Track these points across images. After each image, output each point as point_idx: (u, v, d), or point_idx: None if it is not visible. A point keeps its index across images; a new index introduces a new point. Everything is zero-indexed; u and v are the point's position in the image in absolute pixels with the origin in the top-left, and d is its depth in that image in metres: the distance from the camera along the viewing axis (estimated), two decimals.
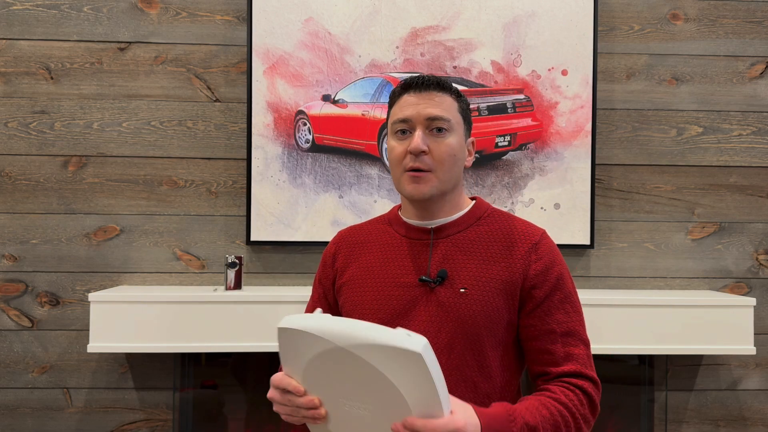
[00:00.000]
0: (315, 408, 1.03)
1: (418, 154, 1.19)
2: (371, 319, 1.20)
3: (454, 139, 1.22)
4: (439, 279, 1.20)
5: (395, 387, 0.95)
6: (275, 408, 1.09)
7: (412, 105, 1.22)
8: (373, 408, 0.99)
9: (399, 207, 1.34)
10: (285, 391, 1.05)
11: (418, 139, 1.19)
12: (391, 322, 1.19)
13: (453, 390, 1.13)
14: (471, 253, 1.22)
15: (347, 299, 1.28)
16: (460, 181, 1.27)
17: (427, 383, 0.94)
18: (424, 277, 1.20)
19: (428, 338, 1.09)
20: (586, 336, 1.24)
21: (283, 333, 1.02)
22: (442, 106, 1.22)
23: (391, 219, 1.32)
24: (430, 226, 1.26)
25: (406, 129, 1.22)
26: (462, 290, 1.19)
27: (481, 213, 1.28)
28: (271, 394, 1.08)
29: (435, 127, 1.21)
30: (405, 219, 1.29)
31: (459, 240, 1.24)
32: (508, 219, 1.28)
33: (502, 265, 1.21)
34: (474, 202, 1.31)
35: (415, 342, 0.92)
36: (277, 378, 1.06)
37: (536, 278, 1.21)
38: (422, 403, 0.96)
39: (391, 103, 1.28)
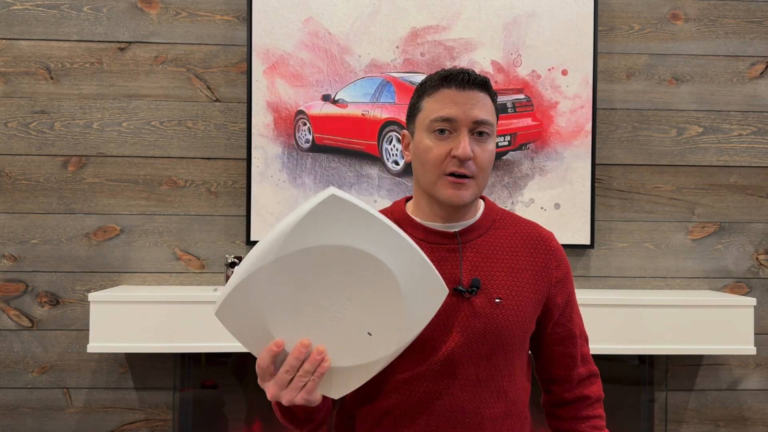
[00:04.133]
0: (306, 346, 0.95)
1: (466, 160, 1.11)
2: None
3: (493, 145, 1.16)
4: (474, 288, 1.14)
5: (353, 249, 0.91)
6: (285, 397, 0.97)
7: (455, 104, 1.11)
8: (355, 296, 0.94)
9: (404, 205, 1.23)
10: (272, 362, 0.96)
11: (466, 145, 1.10)
12: (424, 333, 1.10)
13: (487, 400, 1.14)
14: (497, 261, 1.18)
15: None
16: None
17: (370, 223, 0.91)
18: (460, 287, 1.13)
19: (468, 349, 1.12)
20: (586, 330, 1.31)
21: (223, 311, 0.92)
22: (486, 108, 1.13)
23: (400, 220, 1.20)
24: (453, 230, 1.18)
25: (446, 129, 1.12)
26: (497, 300, 1.14)
27: (495, 215, 1.23)
28: (269, 387, 0.98)
29: (479, 131, 1.12)
30: (420, 221, 1.19)
31: (482, 246, 1.18)
32: (519, 221, 1.25)
33: (529, 273, 1.18)
34: (484, 202, 1.26)
35: (323, 192, 0.90)
36: (258, 362, 0.97)
37: (558, 285, 1.22)
38: (396, 257, 0.92)
39: (424, 93, 1.16)
